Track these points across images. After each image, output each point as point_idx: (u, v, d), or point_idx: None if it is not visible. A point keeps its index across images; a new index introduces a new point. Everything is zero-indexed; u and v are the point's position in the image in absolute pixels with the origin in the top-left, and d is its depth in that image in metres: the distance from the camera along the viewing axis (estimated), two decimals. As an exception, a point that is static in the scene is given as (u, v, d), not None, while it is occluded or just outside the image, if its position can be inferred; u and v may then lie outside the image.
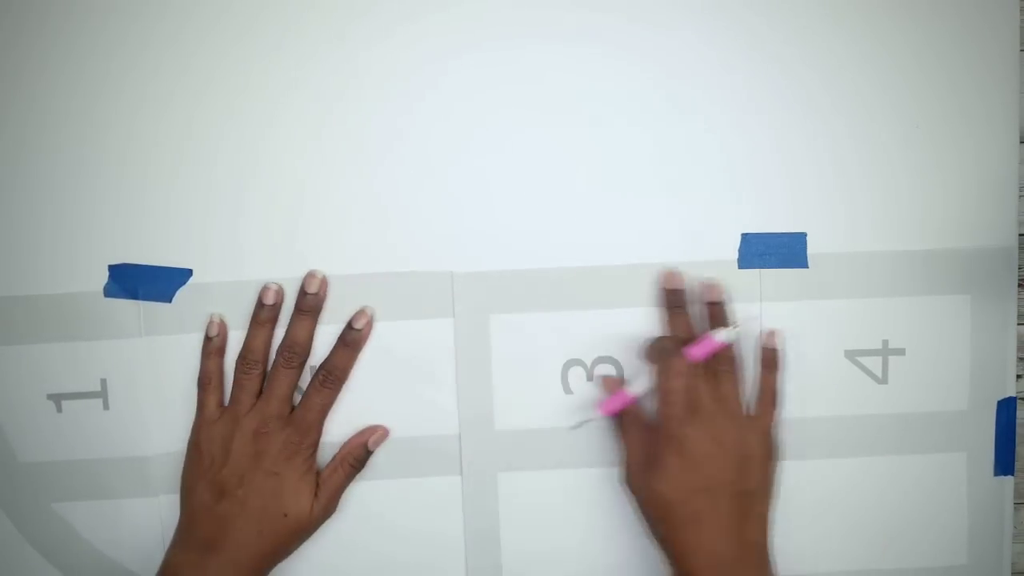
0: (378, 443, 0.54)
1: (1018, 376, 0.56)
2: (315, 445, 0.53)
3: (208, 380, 0.53)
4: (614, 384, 0.54)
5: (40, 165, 0.53)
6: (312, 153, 0.54)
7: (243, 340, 0.53)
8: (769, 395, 0.54)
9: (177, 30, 0.53)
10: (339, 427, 0.55)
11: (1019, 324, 0.56)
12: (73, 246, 0.54)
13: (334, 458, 0.54)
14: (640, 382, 0.53)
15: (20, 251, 0.54)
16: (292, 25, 0.53)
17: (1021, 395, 0.57)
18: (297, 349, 0.53)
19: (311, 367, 0.54)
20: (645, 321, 0.55)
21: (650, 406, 0.53)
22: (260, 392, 0.53)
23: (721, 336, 0.52)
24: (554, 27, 0.53)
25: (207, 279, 0.54)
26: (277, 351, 0.53)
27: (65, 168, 0.53)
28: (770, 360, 0.54)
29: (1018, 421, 0.56)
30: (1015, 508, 0.58)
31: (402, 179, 0.54)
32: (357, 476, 0.54)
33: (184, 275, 0.54)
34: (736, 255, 0.55)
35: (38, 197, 0.53)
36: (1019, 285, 0.56)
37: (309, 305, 0.53)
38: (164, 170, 0.53)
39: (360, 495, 0.55)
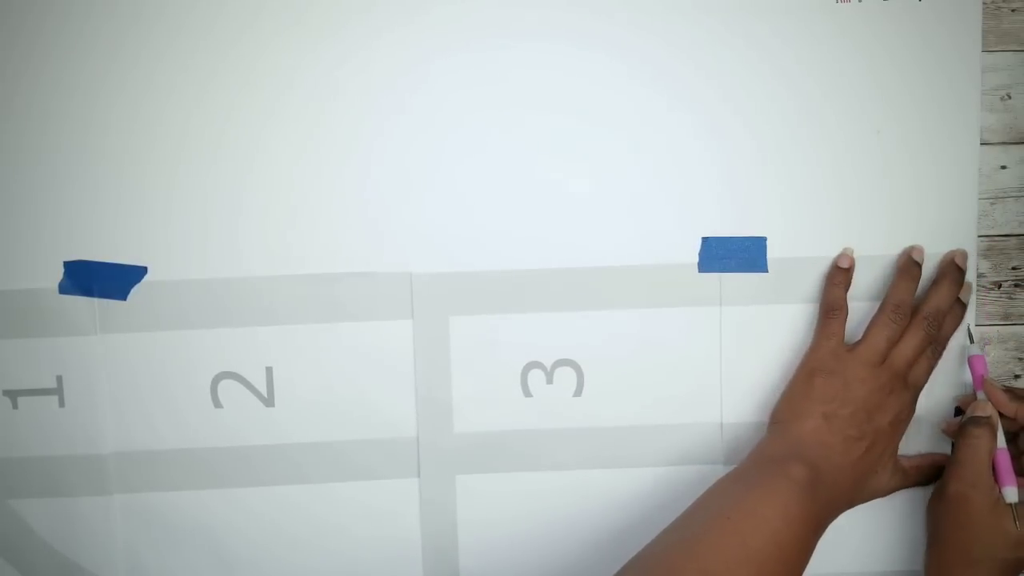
0: None
1: (1016, 376, 0.57)
2: (911, 418, 0.53)
3: (838, 307, 0.53)
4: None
5: (-6, 160, 0.53)
6: (271, 153, 0.53)
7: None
8: None
9: (140, 28, 0.52)
10: (311, 425, 0.55)
11: (1018, 324, 0.57)
12: (29, 242, 0.53)
13: (917, 456, 0.55)
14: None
15: (-25, 247, 0.53)
16: (253, 31, 0.52)
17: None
18: (940, 319, 0.53)
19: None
20: (605, 324, 0.55)
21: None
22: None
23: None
24: (519, 29, 0.53)
25: (163, 277, 0.54)
26: (919, 313, 0.53)
27: (20, 163, 0.53)
28: None
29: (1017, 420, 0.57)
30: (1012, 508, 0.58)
31: (362, 179, 0.54)
32: None
33: (139, 273, 0.54)
34: (696, 259, 0.54)
35: (-8, 192, 0.53)
36: (1016, 285, 0.56)
37: (959, 277, 0.53)
38: (123, 166, 0.53)
39: (316, 497, 0.55)
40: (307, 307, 0.54)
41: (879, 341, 0.52)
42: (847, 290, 0.54)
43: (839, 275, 0.54)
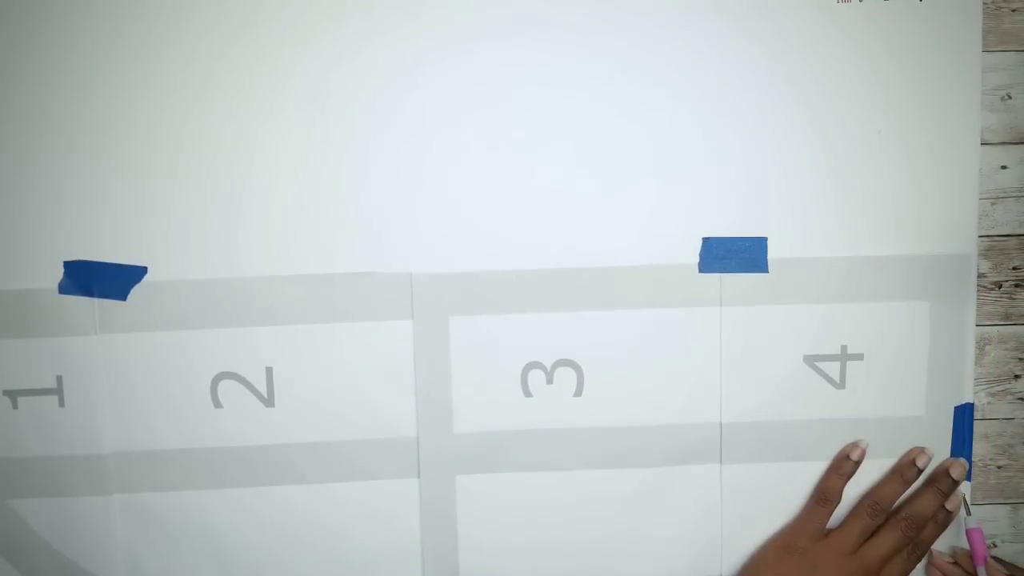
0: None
1: (1016, 376, 0.57)
2: None
3: (831, 498, 0.55)
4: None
5: (-6, 160, 0.53)
6: (270, 153, 0.53)
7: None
8: None
9: (140, 28, 0.52)
10: (310, 425, 0.55)
11: (1018, 324, 0.57)
12: (29, 242, 0.53)
13: None
14: None
15: (-26, 247, 0.53)
16: (252, 32, 0.52)
17: (1021, 396, 0.57)
18: (919, 524, 0.54)
19: None
20: (605, 324, 0.55)
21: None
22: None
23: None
24: (519, 29, 0.53)
25: (163, 277, 0.54)
26: (899, 513, 0.54)
27: (20, 163, 0.53)
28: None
29: (1016, 420, 0.57)
30: (1014, 508, 0.58)
31: (361, 179, 0.54)
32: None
33: (139, 273, 0.54)
34: (697, 259, 0.54)
35: (-8, 192, 0.53)
36: (1016, 285, 0.56)
37: (948, 487, 0.55)
38: (123, 166, 0.53)
39: (316, 498, 0.55)
40: (307, 307, 0.54)
41: (852, 532, 0.54)
42: (847, 482, 0.55)
43: (846, 465, 0.55)
